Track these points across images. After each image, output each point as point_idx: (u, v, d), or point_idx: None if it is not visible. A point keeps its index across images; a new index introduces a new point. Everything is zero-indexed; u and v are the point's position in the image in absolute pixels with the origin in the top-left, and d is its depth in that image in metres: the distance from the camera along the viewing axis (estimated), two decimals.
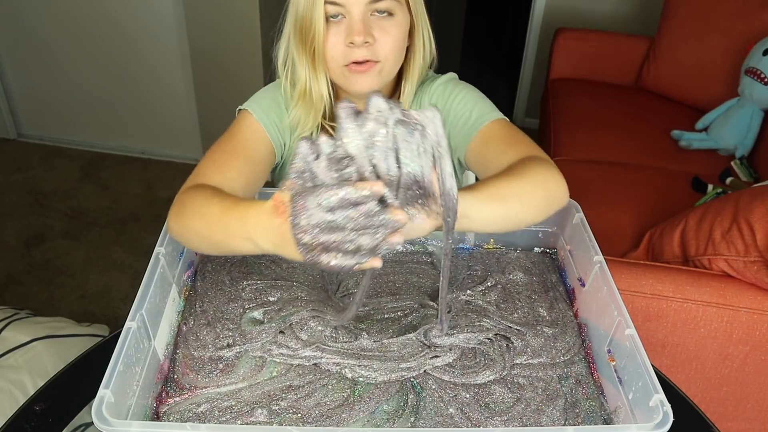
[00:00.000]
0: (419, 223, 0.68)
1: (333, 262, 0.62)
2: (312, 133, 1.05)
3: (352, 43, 0.93)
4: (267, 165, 1.03)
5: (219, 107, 2.62)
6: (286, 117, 1.05)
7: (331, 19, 0.94)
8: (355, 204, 0.60)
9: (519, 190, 0.80)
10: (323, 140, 0.63)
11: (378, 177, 0.63)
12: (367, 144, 0.63)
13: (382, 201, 0.62)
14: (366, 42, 0.93)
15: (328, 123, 1.07)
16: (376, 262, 0.64)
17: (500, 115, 1.01)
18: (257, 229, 0.70)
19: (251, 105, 1.04)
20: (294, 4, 0.96)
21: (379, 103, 0.63)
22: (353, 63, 0.95)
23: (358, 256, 0.62)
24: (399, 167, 0.64)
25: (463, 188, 0.73)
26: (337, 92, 1.05)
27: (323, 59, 0.97)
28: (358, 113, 0.63)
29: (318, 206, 0.60)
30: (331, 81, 1.02)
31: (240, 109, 1.05)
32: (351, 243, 0.61)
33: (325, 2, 0.92)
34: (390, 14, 0.95)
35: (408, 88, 1.05)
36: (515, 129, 0.99)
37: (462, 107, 1.03)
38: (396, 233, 0.62)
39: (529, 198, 0.81)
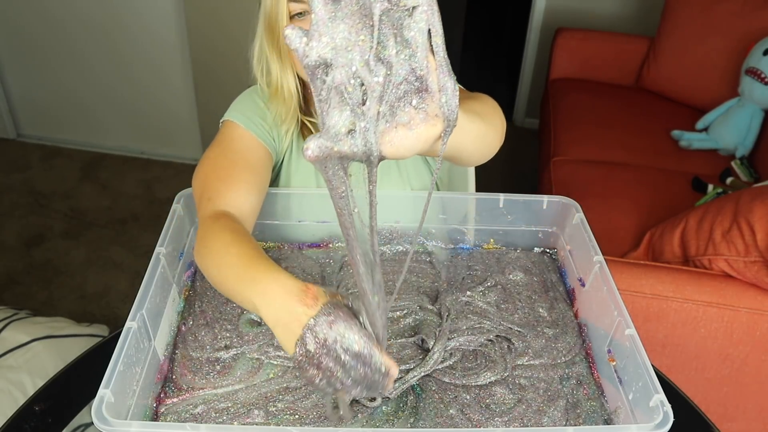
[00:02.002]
0: (417, 131, 0.57)
1: (316, 381, 0.64)
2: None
3: None
4: (268, 169, 1.03)
5: (219, 108, 2.60)
6: (269, 115, 1.05)
7: (297, 17, 0.92)
8: (366, 363, 0.63)
9: (487, 112, 0.81)
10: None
11: (362, 84, 0.55)
12: (345, 45, 0.54)
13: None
14: None
15: (307, 118, 1.06)
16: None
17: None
18: (271, 300, 0.69)
19: (234, 115, 1.03)
20: (263, 2, 0.96)
21: None
22: None
23: (340, 392, 0.65)
24: (389, 71, 0.55)
25: None
26: (307, 87, 1.05)
27: (289, 55, 0.97)
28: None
29: (341, 336, 0.62)
30: (300, 77, 1.01)
31: (223, 121, 1.04)
32: (341, 383, 0.64)
33: (289, 0, 0.91)
34: None
35: None
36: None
37: None
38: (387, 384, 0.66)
39: (495, 120, 0.82)
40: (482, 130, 0.77)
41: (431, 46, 0.56)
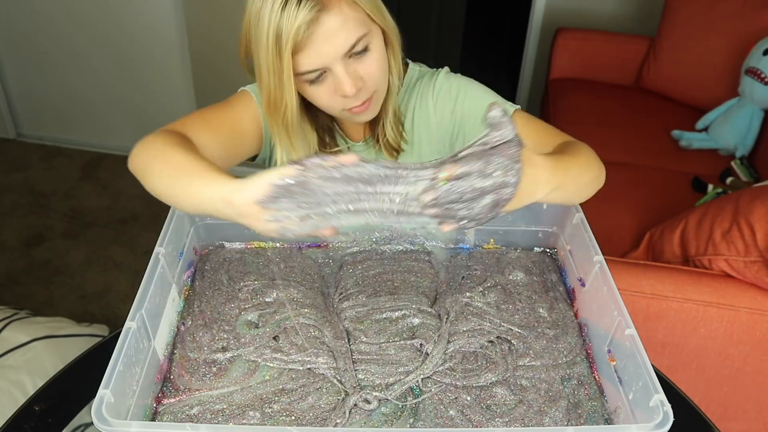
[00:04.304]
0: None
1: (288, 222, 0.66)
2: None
3: (345, 95, 0.91)
4: (249, 149, 1.04)
5: None
6: None
7: (316, 82, 0.91)
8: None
9: (582, 162, 0.86)
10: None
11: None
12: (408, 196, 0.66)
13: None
14: (358, 89, 0.91)
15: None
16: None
17: (512, 104, 1.03)
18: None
19: (252, 88, 1.04)
20: (260, 73, 0.91)
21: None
22: (354, 107, 0.94)
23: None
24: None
25: (544, 155, 0.76)
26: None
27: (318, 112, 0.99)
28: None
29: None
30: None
31: (241, 90, 1.05)
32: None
33: (303, 74, 0.89)
34: (365, 49, 0.91)
35: (395, 77, 1.01)
36: (533, 117, 1.02)
37: (473, 107, 1.04)
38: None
39: (592, 167, 0.89)
40: (579, 183, 0.86)
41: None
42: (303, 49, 0.86)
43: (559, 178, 0.77)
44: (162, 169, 0.82)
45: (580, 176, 0.85)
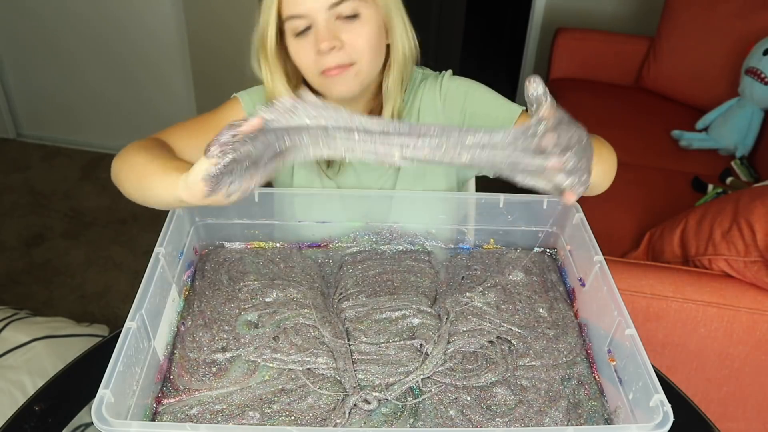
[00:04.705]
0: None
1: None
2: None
3: (320, 51, 0.92)
4: None
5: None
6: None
7: (301, 35, 0.93)
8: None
9: (600, 155, 0.88)
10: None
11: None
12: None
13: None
14: (333, 47, 0.92)
15: None
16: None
17: (518, 105, 1.03)
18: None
19: (243, 94, 1.06)
20: (258, 30, 0.97)
21: None
22: (327, 70, 0.94)
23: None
24: None
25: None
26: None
27: (278, 67, 0.99)
28: None
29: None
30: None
31: (233, 96, 1.07)
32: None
33: (288, 18, 0.92)
34: (355, 16, 0.93)
35: (390, 84, 1.01)
36: None
37: (482, 107, 1.05)
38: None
39: (609, 162, 0.93)
40: (604, 167, 0.90)
41: None
42: None
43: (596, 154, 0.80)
44: (128, 177, 0.89)
45: (605, 161, 0.91)
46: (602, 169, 0.90)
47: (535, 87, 0.69)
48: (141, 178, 0.85)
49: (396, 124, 0.71)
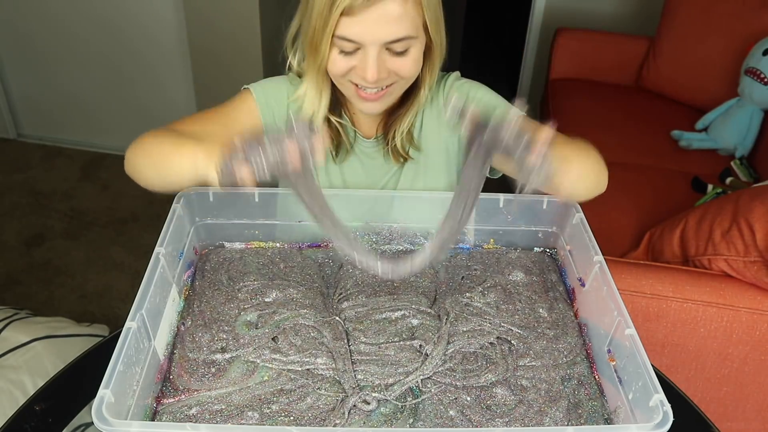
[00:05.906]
0: None
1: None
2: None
3: (364, 78, 0.91)
4: None
5: None
6: (284, 108, 1.05)
7: (347, 53, 0.91)
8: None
9: (581, 157, 0.90)
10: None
11: None
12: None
13: None
14: (378, 80, 0.91)
15: (334, 118, 1.06)
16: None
17: (519, 110, 1.03)
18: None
19: (255, 87, 1.05)
20: (307, 17, 0.92)
21: None
22: (364, 92, 0.94)
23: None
24: None
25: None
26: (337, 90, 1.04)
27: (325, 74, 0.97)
28: None
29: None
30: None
31: (244, 88, 1.06)
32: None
33: (340, 38, 0.89)
34: (405, 52, 0.91)
35: (425, 91, 1.02)
36: (538, 123, 1.02)
37: (487, 108, 1.05)
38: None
39: (588, 164, 0.92)
40: (577, 175, 0.87)
41: None
42: (352, 15, 0.86)
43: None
44: (147, 159, 0.88)
45: (577, 165, 0.88)
46: (576, 174, 0.87)
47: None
48: (161, 156, 0.86)
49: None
